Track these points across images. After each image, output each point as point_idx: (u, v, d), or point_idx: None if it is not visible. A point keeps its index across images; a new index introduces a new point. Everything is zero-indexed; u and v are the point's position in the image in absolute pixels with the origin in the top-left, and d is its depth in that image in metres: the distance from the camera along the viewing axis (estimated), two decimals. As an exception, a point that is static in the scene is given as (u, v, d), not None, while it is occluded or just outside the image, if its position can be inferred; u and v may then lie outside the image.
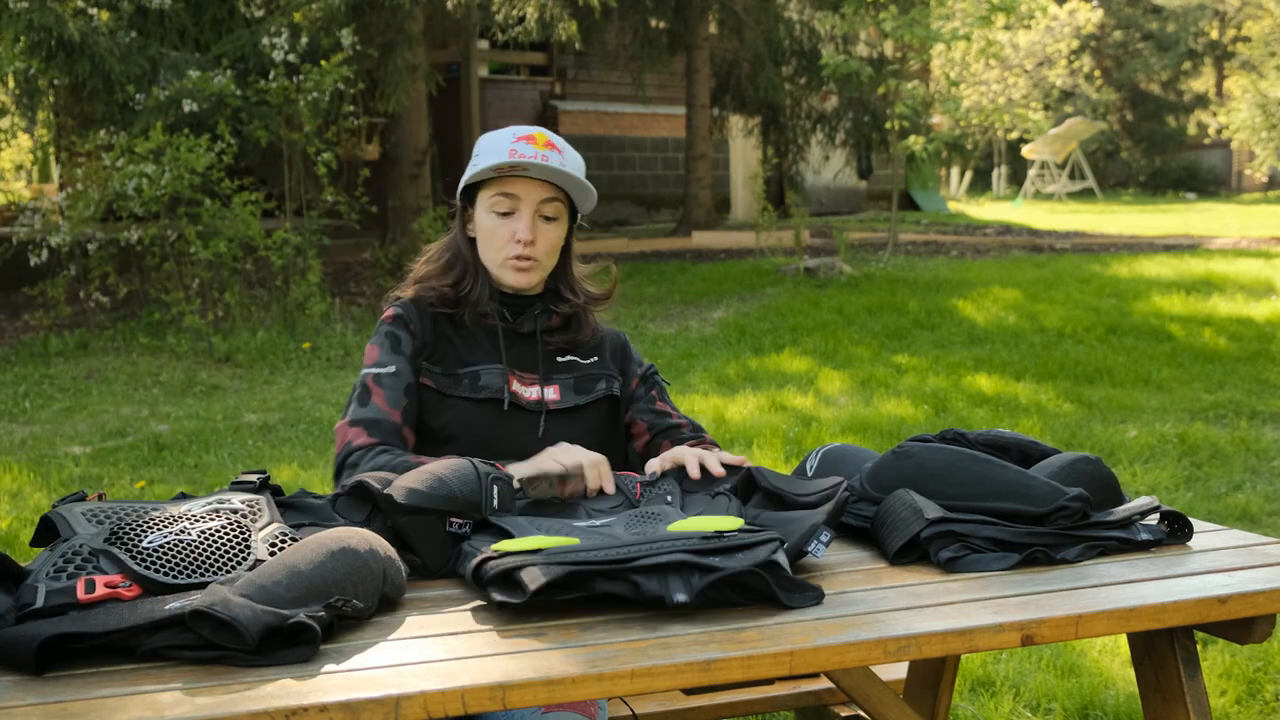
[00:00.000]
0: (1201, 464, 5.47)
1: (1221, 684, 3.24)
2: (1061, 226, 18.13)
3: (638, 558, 1.62)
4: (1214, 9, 33.73)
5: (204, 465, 5.70)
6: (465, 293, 2.28)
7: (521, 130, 2.25)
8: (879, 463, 2.02)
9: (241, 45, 9.80)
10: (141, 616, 1.47)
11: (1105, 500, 1.98)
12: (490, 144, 2.24)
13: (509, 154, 2.19)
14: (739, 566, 1.61)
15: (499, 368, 2.25)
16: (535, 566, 1.60)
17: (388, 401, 2.19)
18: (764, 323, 9.24)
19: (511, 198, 2.24)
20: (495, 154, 2.21)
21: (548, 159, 2.20)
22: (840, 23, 12.66)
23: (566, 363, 2.33)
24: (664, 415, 2.37)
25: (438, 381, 2.24)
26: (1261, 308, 9.40)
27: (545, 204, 2.25)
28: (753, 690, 2.44)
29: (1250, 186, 32.31)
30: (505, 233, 2.24)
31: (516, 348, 2.30)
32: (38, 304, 9.52)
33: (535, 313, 2.31)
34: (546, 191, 2.24)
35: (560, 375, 2.30)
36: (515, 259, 2.24)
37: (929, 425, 6.14)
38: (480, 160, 2.23)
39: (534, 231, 2.23)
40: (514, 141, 2.21)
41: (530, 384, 2.27)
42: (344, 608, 1.54)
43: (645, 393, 2.39)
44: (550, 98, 17.51)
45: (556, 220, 2.27)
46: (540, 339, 2.31)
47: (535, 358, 2.30)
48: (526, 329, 2.30)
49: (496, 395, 2.23)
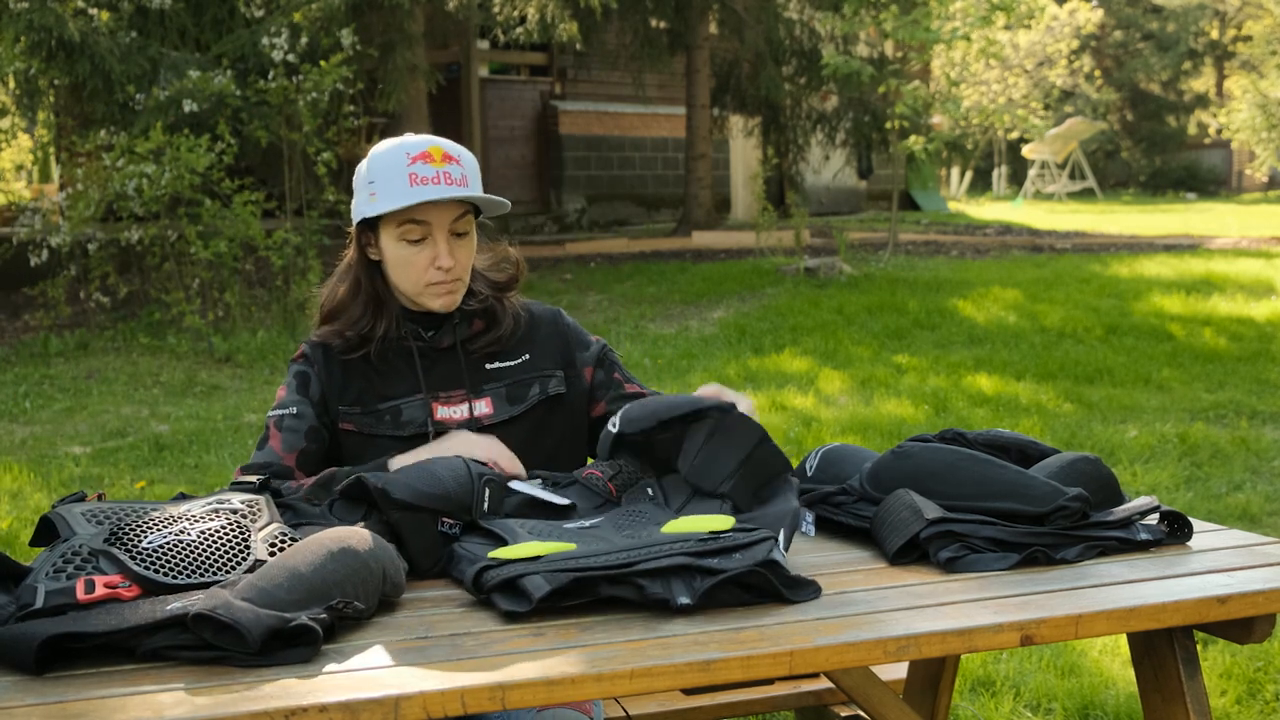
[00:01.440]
0: (1201, 464, 5.47)
1: (1221, 684, 3.24)
2: (1062, 226, 18.13)
3: (638, 562, 1.63)
4: (1214, 9, 33.73)
5: (204, 465, 5.70)
6: (369, 330, 2.17)
7: (413, 147, 2.10)
8: (879, 463, 2.02)
9: (241, 45, 9.81)
10: (141, 617, 1.47)
11: (1105, 500, 1.98)
12: (384, 170, 2.09)
13: (409, 180, 2.06)
14: (739, 567, 1.62)
15: (419, 398, 2.16)
16: (539, 575, 1.60)
17: (283, 445, 2.12)
18: (764, 323, 9.24)
19: (422, 225, 2.11)
20: (393, 183, 2.07)
21: (450, 176, 2.08)
22: (840, 23, 12.66)
23: (494, 370, 2.22)
24: (635, 396, 2.27)
25: (359, 423, 2.16)
26: (1262, 308, 9.40)
27: (457, 222, 2.14)
28: (753, 690, 2.44)
29: (1250, 186, 32.30)
30: (422, 260, 2.12)
31: (438, 367, 2.19)
32: (38, 304, 9.52)
33: (454, 323, 2.20)
34: (456, 210, 2.13)
35: (490, 385, 2.20)
36: (438, 285, 2.14)
37: (929, 425, 6.14)
38: (379, 189, 2.10)
39: (452, 255, 2.13)
40: (410, 164, 2.07)
41: (458, 402, 2.18)
42: (345, 610, 1.54)
43: (606, 377, 2.29)
44: (550, 98, 17.50)
45: (468, 233, 2.17)
46: (461, 350, 2.20)
47: (459, 373, 2.19)
48: (446, 343, 2.20)
49: (420, 430, 2.14)
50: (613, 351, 2.34)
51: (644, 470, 1.99)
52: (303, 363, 2.21)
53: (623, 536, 1.77)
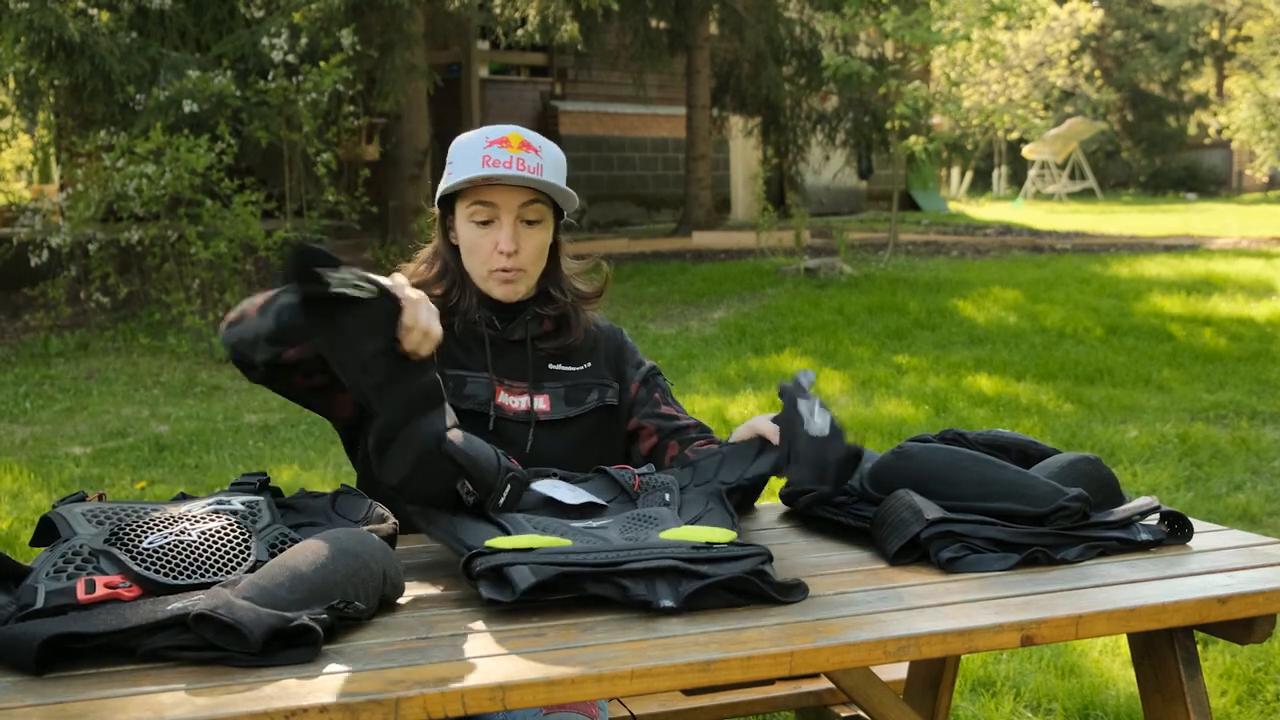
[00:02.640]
0: (1202, 464, 5.47)
1: (1222, 684, 3.24)
2: (1062, 227, 18.13)
3: (626, 562, 1.63)
4: (1214, 9, 33.73)
5: (204, 466, 5.70)
6: (455, 303, 2.22)
7: (494, 132, 2.15)
8: (879, 463, 2.02)
9: (241, 45, 9.81)
10: (142, 617, 1.47)
11: (1105, 500, 1.98)
12: (463, 150, 2.15)
13: (482, 161, 2.11)
14: (727, 574, 1.63)
15: (485, 377, 2.19)
16: (525, 566, 1.61)
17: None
18: (764, 323, 9.24)
19: (489, 206, 2.15)
20: (468, 162, 2.12)
21: (524, 163, 2.11)
22: (840, 23, 12.66)
23: (557, 370, 2.25)
24: (671, 418, 2.30)
25: None
26: (1262, 308, 9.40)
27: (526, 208, 2.16)
28: (753, 690, 2.44)
29: (1250, 186, 32.30)
30: (487, 244, 2.16)
31: (506, 356, 2.22)
32: (38, 304, 9.52)
33: (526, 318, 2.24)
34: (525, 195, 2.16)
35: (551, 384, 2.23)
36: (500, 271, 2.17)
37: (929, 425, 6.14)
38: (454, 169, 2.15)
39: (516, 240, 2.15)
40: (486, 147, 2.12)
41: (519, 393, 2.20)
42: (346, 610, 1.54)
43: (648, 395, 2.32)
44: (550, 98, 17.51)
45: (540, 223, 2.19)
46: (531, 345, 2.24)
47: (525, 365, 2.22)
48: (517, 336, 2.23)
49: (482, 409, 2.17)
50: (663, 377, 2.37)
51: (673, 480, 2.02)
52: None
53: (623, 539, 1.77)
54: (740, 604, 1.64)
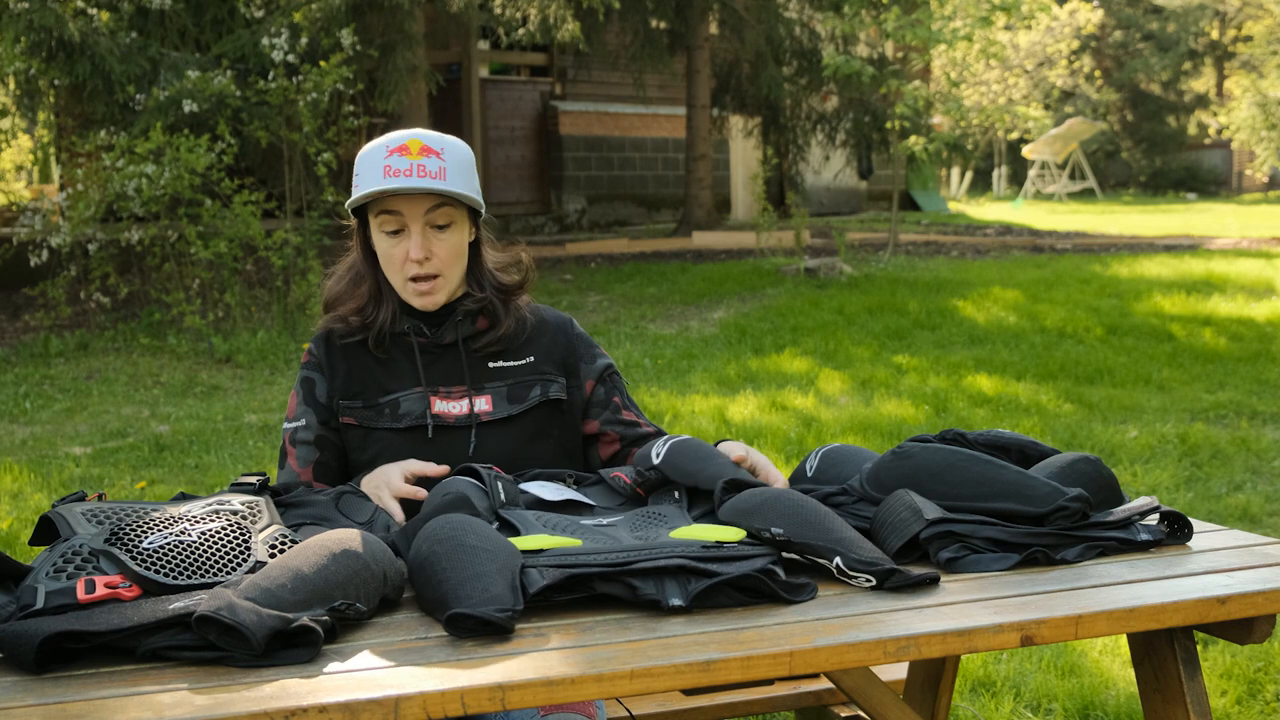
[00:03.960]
0: (1202, 464, 5.47)
1: (1222, 684, 3.24)
2: (1062, 227, 18.13)
3: (635, 561, 1.63)
4: (1214, 9, 33.72)
5: (204, 466, 5.70)
6: (370, 318, 2.20)
7: (394, 140, 2.11)
8: (879, 463, 2.02)
9: (241, 45, 9.81)
10: (143, 617, 1.48)
11: (1105, 500, 1.98)
12: (366, 161, 2.12)
13: (384, 171, 2.07)
14: (735, 572, 1.63)
15: (418, 391, 2.17)
16: (534, 570, 1.61)
17: (299, 461, 2.19)
18: (764, 323, 9.24)
19: (396, 215, 2.12)
20: (371, 173, 2.09)
21: (425, 168, 2.07)
22: (840, 23, 12.66)
23: (496, 369, 2.22)
24: (632, 425, 2.28)
25: (359, 416, 2.18)
26: (1262, 308, 9.40)
27: (433, 213, 2.12)
28: (752, 691, 2.44)
29: (1251, 187, 32.30)
30: (399, 254, 2.13)
31: (440, 362, 2.20)
32: (38, 304, 9.53)
33: (456, 319, 2.20)
34: (430, 201, 2.11)
35: (491, 384, 2.20)
36: (413, 281, 2.14)
37: (929, 426, 6.14)
38: (359, 181, 2.12)
39: (426, 247, 2.12)
40: (386, 156, 2.09)
41: (457, 398, 2.18)
42: (347, 611, 1.54)
43: (606, 398, 2.28)
44: (550, 98, 17.51)
45: (450, 226, 2.14)
46: (463, 347, 2.21)
47: (460, 369, 2.20)
48: (448, 339, 2.21)
49: (419, 422, 2.16)
50: (619, 375, 2.33)
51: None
52: (308, 366, 2.24)
53: (634, 537, 1.78)
54: (749, 603, 1.64)
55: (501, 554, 1.63)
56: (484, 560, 1.60)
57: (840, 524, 1.78)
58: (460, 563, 1.59)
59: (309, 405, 2.21)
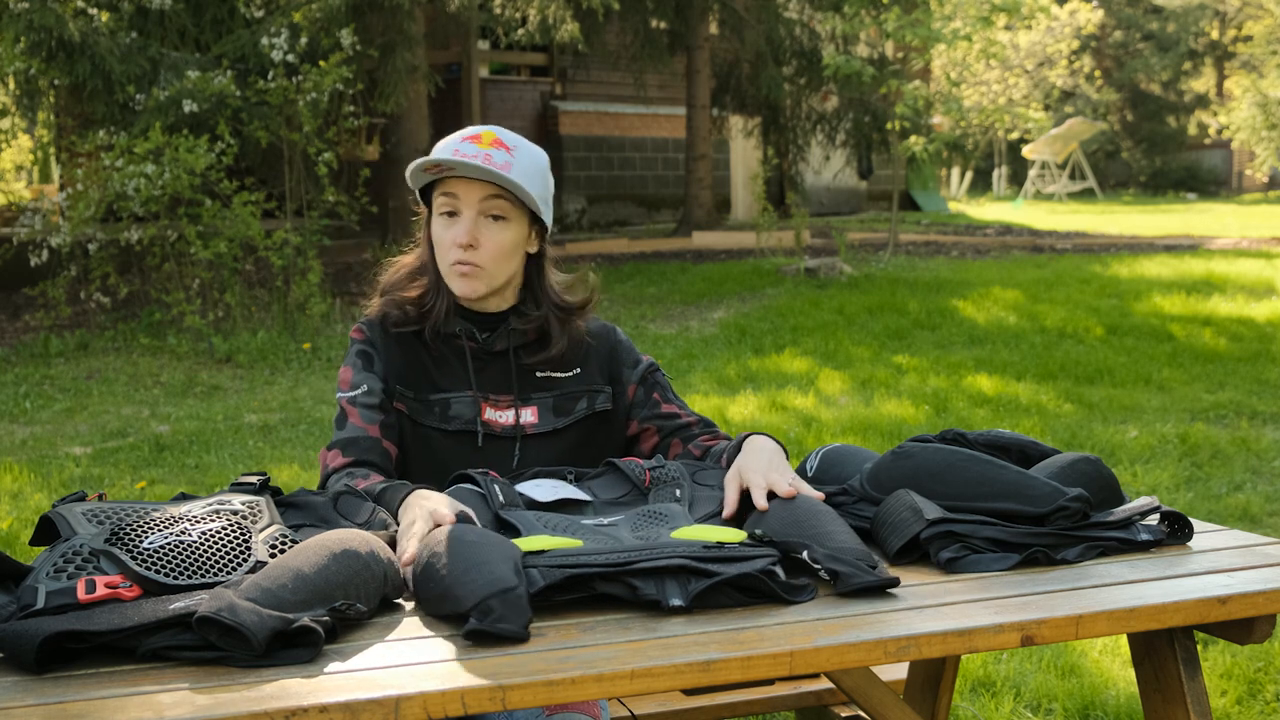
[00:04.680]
0: (1202, 464, 5.47)
1: (1222, 684, 3.24)
2: (1062, 227, 18.13)
3: (636, 561, 1.64)
4: (1214, 9, 33.72)
5: (204, 466, 5.70)
6: (429, 307, 2.17)
7: (472, 130, 2.12)
8: (879, 463, 2.02)
9: (241, 45, 9.81)
10: (143, 616, 1.48)
11: (1105, 500, 1.98)
12: (441, 146, 2.12)
13: (452, 154, 2.06)
14: (735, 572, 1.63)
15: (469, 395, 2.15)
16: (535, 570, 1.61)
17: (363, 419, 2.13)
18: (764, 323, 9.24)
19: (452, 198, 2.11)
20: (440, 153, 2.09)
21: (491, 158, 2.05)
22: (841, 23, 12.65)
23: (544, 379, 2.20)
24: (671, 416, 2.26)
25: (410, 408, 2.16)
26: (1262, 308, 9.40)
27: (487, 202, 2.09)
28: (753, 690, 2.44)
29: (1251, 187, 32.30)
30: (448, 237, 2.12)
31: (489, 369, 2.18)
32: (38, 304, 9.52)
33: (508, 329, 2.19)
34: (487, 189, 2.09)
35: (538, 395, 2.19)
36: (456, 264, 2.11)
37: (929, 425, 6.14)
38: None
39: (474, 234, 2.09)
40: (460, 142, 2.09)
41: (504, 407, 2.16)
42: (348, 611, 1.54)
43: (646, 396, 2.27)
44: (550, 98, 17.51)
45: (505, 220, 2.12)
46: (514, 357, 2.19)
47: (509, 378, 2.18)
48: (499, 347, 2.18)
49: (469, 427, 2.14)
50: (660, 372, 2.31)
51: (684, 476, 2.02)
52: (363, 342, 2.21)
53: (635, 537, 1.78)
54: (749, 603, 1.64)
55: (502, 545, 1.64)
56: (484, 551, 1.60)
57: (826, 521, 1.78)
58: (460, 556, 1.60)
59: (369, 373, 2.17)
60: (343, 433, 2.13)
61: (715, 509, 1.92)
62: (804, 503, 1.84)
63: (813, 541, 1.72)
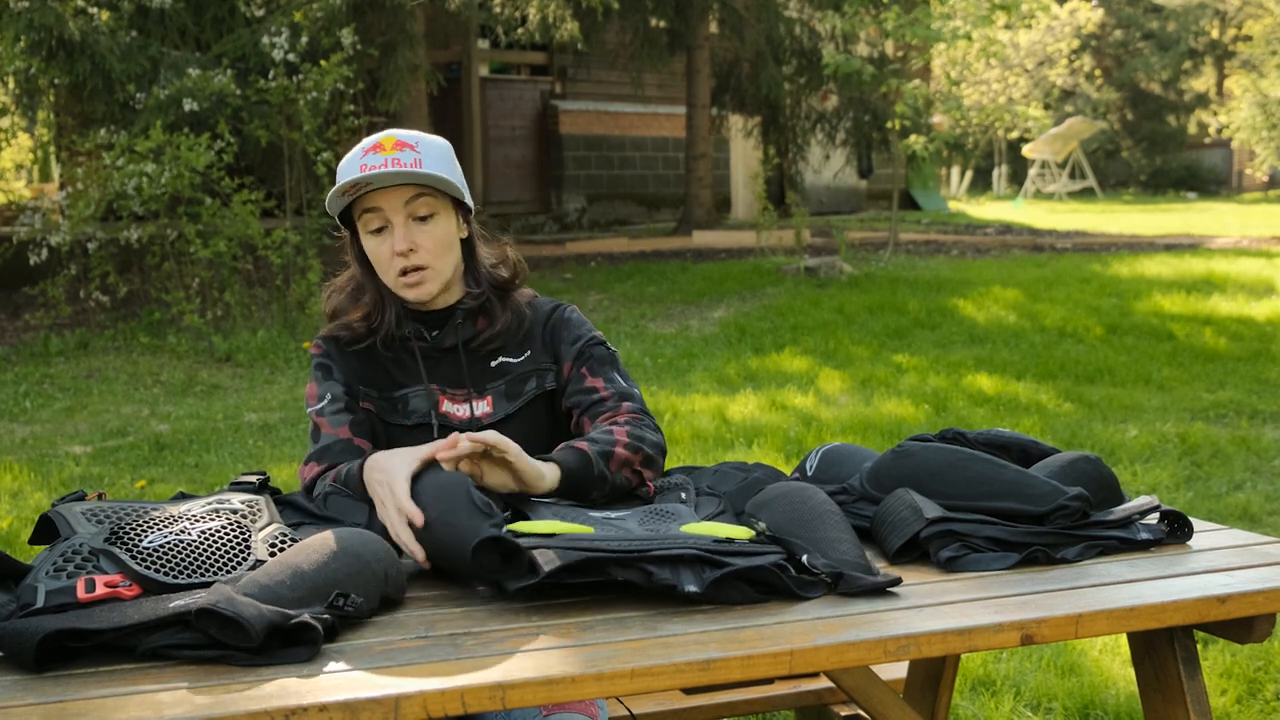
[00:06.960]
0: (1202, 464, 5.47)
1: (1222, 683, 3.24)
2: (1062, 226, 18.13)
3: (651, 549, 1.65)
4: (1214, 8, 33.71)
5: (204, 465, 5.70)
6: (375, 324, 2.18)
7: (369, 141, 2.11)
8: (879, 462, 2.02)
9: (242, 45, 9.80)
10: (143, 615, 1.48)
11: (1105, 500, 1.98)
12: (344, 167, 2.11)
13: (359, 170, 2.05)
14: (748, 564, 1.65)
15: (423, 389, 2.17)
16: (550, 550, 1.62)
17: (332, 424, 2.14)
18: (764, 322, 9.24)
19: (377, 212, 2.10)
20: (347, 175, 2.08)
21: (399, 161, 2.05)
22: (841, 22, 12.65)
23: (498, 366, 2.20)
24: (590, 391, 2.19)
25: (377, 406, 2.18)
26: (1262, 307, 9.40)
27: (412, 204, 2.09)
28: (752, 690, 2.44)
29: (1251, 186, 32.29)
30: (385, 251, 2.11)
31: (443, 365, 2.19)
32: (38, 303, 9.52)
33: (456, 323, 2.19)
34: (408, 192, 2.09)
35: (492, 383, 2.19)
36: (402, 275, 2.12)
37: (929, 425, 6.14)
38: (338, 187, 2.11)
39: (410, 239, 2.09)
40: (363, 157, 2.08)
41: (460, 400, 2.18)
42: (346, 608, 1.54)
43: (576, 371, 2.22)
44: (550, 97, 17.50)
45: (433, 216, 2.11)
46: (463, 350, 2.19)
47: (461, 372, 2.19)
48: (449, 343, 2.19)
49: (424, 420, 2.16)
50: (601, 346, 2.25)
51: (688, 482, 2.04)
52: (321, 355, 2.23)
53: (643, 530, 1.79)
54: (760, 598, 1.65)
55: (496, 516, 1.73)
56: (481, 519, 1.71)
57: (830, 526, 1.79)
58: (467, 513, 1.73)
59: (330, 381, 2.18)
60: (317, 444, 2.15)
61: (716, 510, 1.93)
62: (810, 500, 1.85)
63: (814, 548, 1.73)
